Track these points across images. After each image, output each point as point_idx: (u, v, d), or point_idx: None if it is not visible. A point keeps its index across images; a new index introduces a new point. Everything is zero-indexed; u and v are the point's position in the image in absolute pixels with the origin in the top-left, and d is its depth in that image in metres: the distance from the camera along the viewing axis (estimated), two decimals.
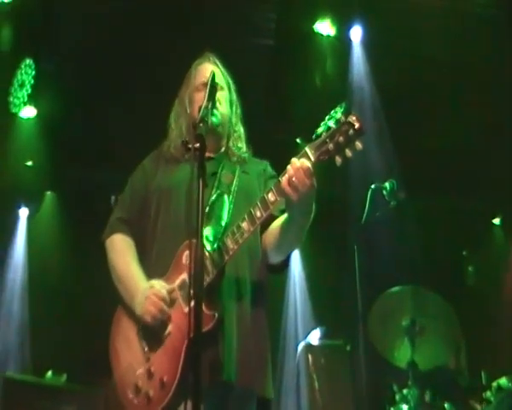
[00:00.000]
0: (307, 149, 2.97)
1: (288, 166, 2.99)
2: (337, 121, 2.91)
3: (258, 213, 3.10)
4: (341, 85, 7.37)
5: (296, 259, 8.91)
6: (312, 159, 2.94)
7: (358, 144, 2.88)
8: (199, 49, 3.84)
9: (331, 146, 2.89)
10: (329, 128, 2.92)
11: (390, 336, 5.82)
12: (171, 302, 3.22)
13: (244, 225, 3.13)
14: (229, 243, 3.15)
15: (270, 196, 3.07)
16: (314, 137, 2.98)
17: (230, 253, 3.15)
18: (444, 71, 7.39)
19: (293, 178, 2.94)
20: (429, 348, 5.73)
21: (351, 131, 2.86)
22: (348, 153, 2.88)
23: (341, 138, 2.87)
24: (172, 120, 3.74)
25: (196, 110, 3.42)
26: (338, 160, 2.90)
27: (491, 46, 7.24)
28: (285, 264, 3.50)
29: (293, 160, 2.98)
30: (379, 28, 7.34)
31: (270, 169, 3.69)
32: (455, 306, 5.72)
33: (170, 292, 3.23)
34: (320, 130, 2.96)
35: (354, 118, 2.88)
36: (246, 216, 3.13)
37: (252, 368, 3.27)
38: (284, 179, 2.98)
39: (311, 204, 3.11)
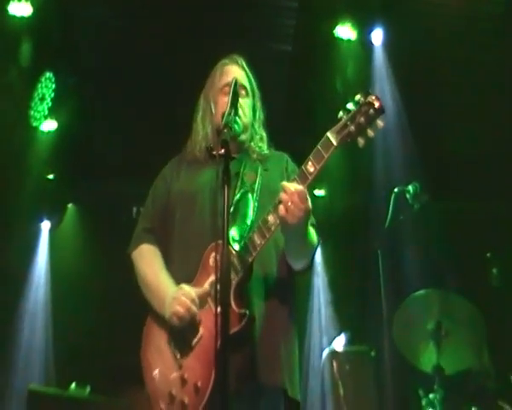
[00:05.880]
0: (329, 134, 2.97)
1: (282, 193, 2.98)
2: (356, 103, 2.92)
3: None
4: (363, 90, 7.28)
5: (320, 264, 8.89)
6: (335, 143, 2.94)
7: (380, 123, 2.89)
8: (218, 58, 3.84)
9: (352, 128, 2.90)
10: (349, 111, 2.92)
11: (415, 340, 5.80)
12: (202, 304, 3.22)
13: (270, 218, 3.11)
14: (256, 238, 3.12)
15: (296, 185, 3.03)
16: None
17: (258, 248, 3.12)
18: (467, 73, 7.34)
19: (289, 203, 2.94)
20: (455, 352, 5.69)
21: (371, 111, 2.88)
22: (370, 133, 2.89)
23: (362, 119, 2.88)
24: (199, 120, 3.72)
25: (220, 115, 3.35)
26: (360, 141, 2.91)
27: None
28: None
29: (286, 184, 2.99)
30: (400, 31, 7.28)
31: (290, 164, 3.65)
32: (479, 308, 5.69)
33: (200, 295, 3.22)
34: (340, 114, 2.96)
35: (374, 97, 2.90)
36: (272, 209, 3.11)
37: (280, 367, 3.26)
38: (281, 207, 2.97)
39: (305, 228, 3.15)
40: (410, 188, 5.55)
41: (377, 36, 7.59)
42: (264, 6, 7.36)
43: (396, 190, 5.62)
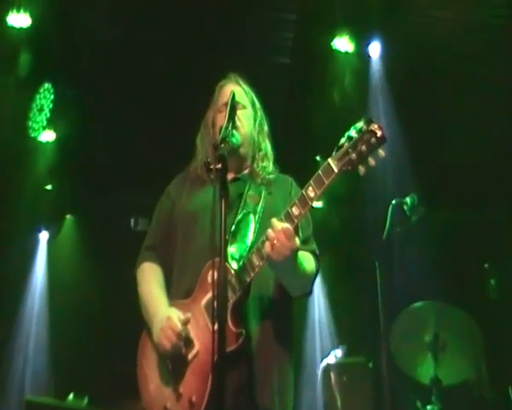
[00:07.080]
0: (330, 160, 2.96)
1: (269, 230, 2.99)
2: (359, 130, 2.90)
3: None
4: (360, 102, 7.36)
5: (317, 276, 8.85)
6: (336, 170, 2.93)
7: (381, 152, 2.88)
8: (217, 71, 3.86)
9: (354, 156, 2.89)
10: (351, 138, 2.91)
11: (412, 352, 5.81)
12: (198, 322, 3.22)
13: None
14: (255, 259, 3.11)
15: (295, 210, 3.04)
16: (336, 148, 2.96)
17: (256, 269, 3.11)
18: (465, 85, 7.36)
19: (275, 241, 2.95)
20: (452, 364, 5.71)
21: (373, 140, 2.86)
22: (371, 161, 2.89)
23: (364, 147, 2.87)
24: (198, 141, 3.75)
25: (218, 130, 3.40)
26: (361, 169, 2.91)
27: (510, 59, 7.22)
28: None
29: (274, 222, 3.00)
30: (398, 43, 7.31)
31: (295, 188, 3.62)
32: (477, 319, 5.69)
33: (186, 323, 3.21)
34: (342, 141, 2.95)
35: (376, 126, 2.88)
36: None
37: (271, 390, 3.24)
38: (267, 244, 2.98)
39: (294, 264, 3.11)
40: (408, 200, 5.56)
41: (375, 49, 7.61)
42: (262, 19, 7.38)
43: (394, 202, 5.63)
